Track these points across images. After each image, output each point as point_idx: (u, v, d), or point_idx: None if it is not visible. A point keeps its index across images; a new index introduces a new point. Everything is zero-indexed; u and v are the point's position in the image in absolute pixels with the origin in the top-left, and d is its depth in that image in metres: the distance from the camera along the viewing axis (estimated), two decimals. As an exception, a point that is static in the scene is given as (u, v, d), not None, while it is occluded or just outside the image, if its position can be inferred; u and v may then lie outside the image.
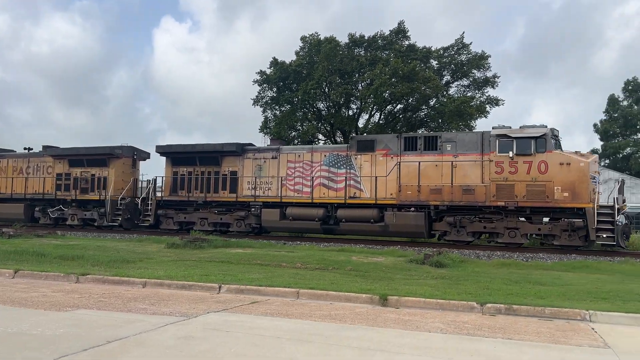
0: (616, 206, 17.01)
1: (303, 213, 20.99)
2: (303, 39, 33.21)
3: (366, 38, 32.57)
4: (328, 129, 34.12)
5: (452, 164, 18.96)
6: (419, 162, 19.32)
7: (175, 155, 23.61)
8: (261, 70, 33.09)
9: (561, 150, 18.10)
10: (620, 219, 17.32)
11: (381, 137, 21.14)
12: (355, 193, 20.54)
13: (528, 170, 18.08)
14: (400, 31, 32.47)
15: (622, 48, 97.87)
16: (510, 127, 18.68)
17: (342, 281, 10.59)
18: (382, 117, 33.59)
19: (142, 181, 25.83)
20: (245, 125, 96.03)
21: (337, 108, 32.97)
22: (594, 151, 40.61)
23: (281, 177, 21.63)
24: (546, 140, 17.99)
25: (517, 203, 18.10)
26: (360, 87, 32.19)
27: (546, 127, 18.18)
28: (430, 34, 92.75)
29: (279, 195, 21.48)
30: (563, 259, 15.92)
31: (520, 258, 16.19)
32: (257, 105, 33.76)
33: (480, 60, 31.31)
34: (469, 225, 19.00)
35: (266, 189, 22.00)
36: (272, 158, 22.09)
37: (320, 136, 34.87)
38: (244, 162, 22.55)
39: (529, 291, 9.76)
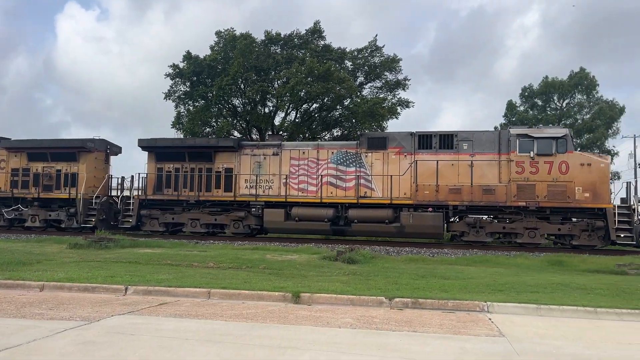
0: (633, 206, 17.72)
1: (311, 213, 19.82)
2: (218, 33, 32.57)
3: (282, 36, 32.54)
4: (244, 125, 33.73)
5: (471, 163, 18.74)
6: (437, 162, 18.85)
7: (161, 150, 21.63)
8: (174, 64, 32.00)
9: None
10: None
11: (394, 134, 20.34)
12: (365, 192, 19.74)
13: (549, 171, 18.13)
14: (316, 31, 32.76)
15: (521, 56, 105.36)
16: (528, 127, 19.17)
17: (255, 280, 10.52)
18: (298, 115, 33.76)
19: (116, 178, 23.64)
20: (158, 120, 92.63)
21: (253, 105, 32.68)
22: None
23: (284, 175, 20.45)
24: (567, 141, 18.22)
25: (539, 203, 18.10)
26: (276, 85, 32.13)
27: (566, 128, 18.86)
28: (347, 35, 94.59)
29: (284, 194, 20.23)
30: (466, 254, 16.84)
31: (427, 254, 16.94)
32: (169, 99, 32.68)
33: (392, 63, 32.34)
34: (488, 225, 18.90)
35: (266, 187, 20.64)
36: (273, 155, 20.80)
37: (236, 133, 34.40)
38: (241, 158, 21.10)
39: (434, 285, 10.24)
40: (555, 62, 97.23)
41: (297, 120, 33.45)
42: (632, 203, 17.84)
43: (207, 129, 32.60)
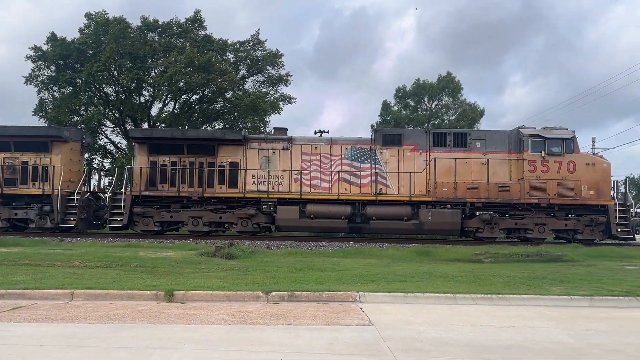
0: (628, 203, 19.20)
1: (327, 211, 19.23)
2: (88, 15, 30.32)
3: (160, 23, 31.15)
4: (117, 115, 31.79)
5: (487, 161, 19.27)
6: (455, 159, 19.22)
7: (156, 141, 19.74)
8: (36, 46, 29.25)
9: None
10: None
11: (409, 131, 20.53)
12: (381, 189, 19.54)
13: (558, 170, 19.13)
14: (197, 20, 31.82)
15: (398, 58, 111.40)
16: (535, 128, 19.83)
17: (125, 278, 9.96)
18: (177, 106, 32.56)
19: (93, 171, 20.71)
20: (17, 106, 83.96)
21: (128, 94, 30.91)
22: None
23: (296, 171, 19.64)
24: (574, 142, 19.35)
25: (549, 200, 19.00)
26: (153, 74, 30.69)
27: (573, 130, 19.53)
28: (231, 27, 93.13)
29: (296, 190, 19.50)
30: (342, 246, 17.42)
31: (306, 247, 17.26)
32: (31, 84, 29.78)
33: (274, 58, 32.46)
34: (502, 222, 19.34)
35: (276, 183, 19.65)
36: (283, 149, 19.83)
37: (108, 123, 32.32)
38: (248, 152, 19.87)
39: (311, 277, 10.44)
40: (428, 65, 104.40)
41: (175, 111, 32.28)
42: (629, 200, 19.54)
43: (76, 118, 30.25)
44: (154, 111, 31.95)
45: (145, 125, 30.49)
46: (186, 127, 30.85)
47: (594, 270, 12.27)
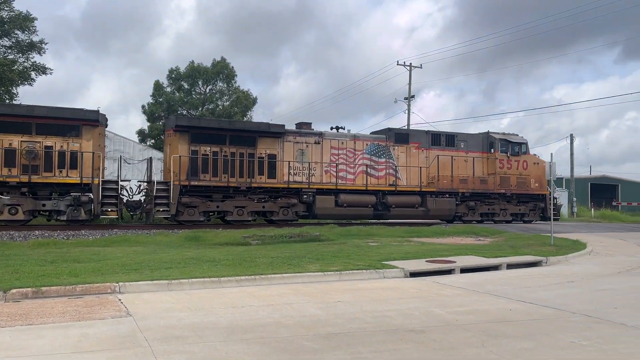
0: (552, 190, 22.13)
1: (357, 200, 21.49)
2: None
3: None
4: None
5: (473, 159, 24.09)
6: (452, 157, 23.51)
7: (199, 130, 19.77)
8: None
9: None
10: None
11: (414, 131, 24.35)
12: (393, 181, 22.59)
13: (517, 167, 24.84)
14: None
15: (177, 38, 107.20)
16: (502, 133, 25.16)
17: None
18: None
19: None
20: None
21: None
22: (141, 131, 43.18)
23: (326, 163, 21.54)
24: (527, 146, 25.47)
25: (512, 191, 24.68)
26: None
27: (525, 138, 25.61)
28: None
29: (328, 181, 21.47)
30: (105, 234, 16.21)
31: (62, 236, 15.59)
32: None
33: (24, 21, 28.19)
34: (480, 208, 24.22)
35: (310, 175, 21.16)
36: (315, 143, 21.57)
37: None
38: (284, 145, 21.02)
39: (64, 270, 9.42)
40: (208, 48, 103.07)
41: None
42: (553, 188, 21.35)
43: None
44: None
45: None
46: None
47: (344, 247, 13.75)
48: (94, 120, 18.31)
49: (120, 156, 21.12)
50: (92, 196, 17.63)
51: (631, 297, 8.22)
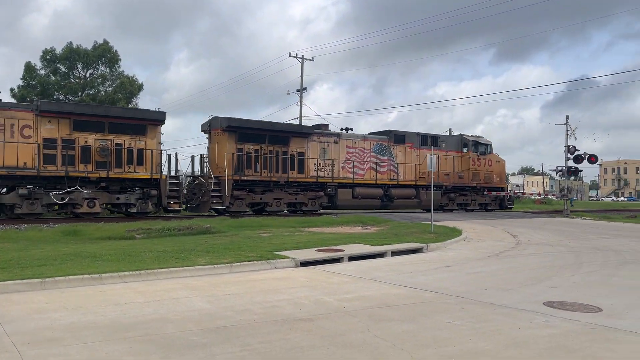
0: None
1: (368, 192, 25.14)
2: None
3: None
4: None
5: (453, 157, 28.62)
6: (438, 155, 26.09)
7: (245, 130, 21.94)
8: None
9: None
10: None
11: (408, 133, 27.72)
12: (393, 176, 26.39)
13: (484, 165, 29.93)
14: None
15: (54, 15, 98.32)
16: (472, 136, 29.87)
17: None
18: None
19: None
20: None
21: None
22: None
23: (342, 160, 24.79)
24: (491, 146, 30.74)
25: (481, 185, 29.76)
26: None
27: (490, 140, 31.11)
28: None
29: (345, 176, 24.71)
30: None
31: None
32: None
33: None
34: (457, 198, 28.85)
35: (329, 170, 24.21)
36: (334, 142, 24.72)
37: None
38: (310, 144, 23.90)
39: None
40: (88, 29, 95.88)
41: None
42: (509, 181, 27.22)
43: None
44: None
45: None
46: None
47: (236, 239, 13.60)
48: (159, 120, 20.39)
49: (176, 153, 23.83)
50: (157, 191, 19.83)
51: (498, 279, 9.04)
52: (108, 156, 19.00)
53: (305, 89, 43.37)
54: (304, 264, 10.49)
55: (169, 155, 22.10)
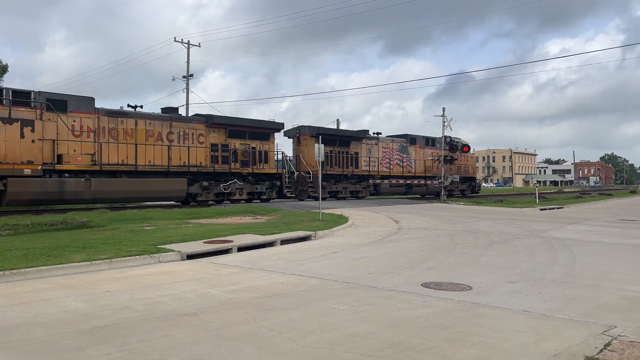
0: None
1: (398, 182, 33.61)
2: None
3: None
4: None
5: (444, 154, 34.02)
6: (437, 153, 34.57)
7: (325, 136, 23.70)
8: None
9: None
10: None
11: (418, 136, 35.98)
12: (410, 170, 34.87)
13: (464, 160, 38.58)
14: None
15: None
16: (455, 137, 36.67)
17: None
18: None
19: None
20: None
21: None
22: None
23: (379, 158, 32.61)
24: (469, 145, 38.04)
25: (462, 175, 37.76)
26: None
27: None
28: None
29: (383, 170, 32.79)
30: None
31: None
32: None
33: None
34: (449, 187, 35.32)
35: (374, 165, 32.19)
36: (375, 144, 32.53)
37: None
38: (362, 146, 31.57)
39: None
40: None
41: None
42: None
43: None
44: None
45: None
46: None
47: (117, 233, 12.86)
48: (278, 129, 27.55)
49: (283, 152, 29.06)
50: (279, 182, 26.60)
51: (381, 263, 9.44)
52: (248, 157, 25.38)
53: (192, 75, 42.11)
54: (191, 257, 10.18)
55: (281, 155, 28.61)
